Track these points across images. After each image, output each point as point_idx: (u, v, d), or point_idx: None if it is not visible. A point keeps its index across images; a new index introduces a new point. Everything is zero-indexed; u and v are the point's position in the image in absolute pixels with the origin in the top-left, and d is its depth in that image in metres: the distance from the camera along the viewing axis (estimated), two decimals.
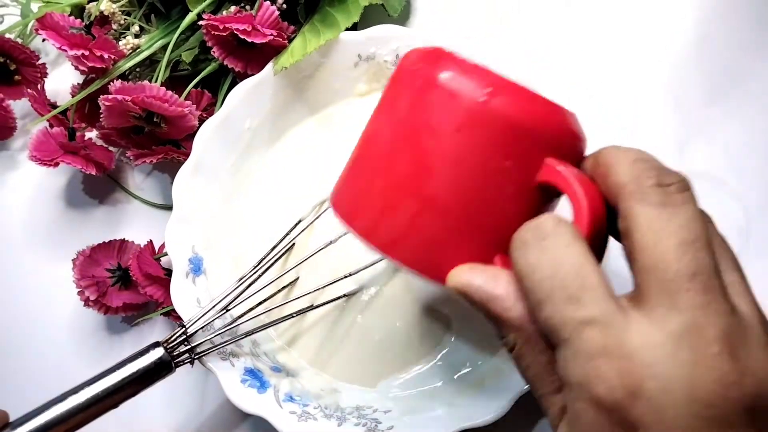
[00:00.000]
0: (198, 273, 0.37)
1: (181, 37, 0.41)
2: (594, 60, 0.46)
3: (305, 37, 0.40)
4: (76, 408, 0.30)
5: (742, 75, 0.44)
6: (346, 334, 0.37)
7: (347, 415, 0.35)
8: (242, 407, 0.34)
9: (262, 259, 0.36)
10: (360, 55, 0.40)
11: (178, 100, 0.38)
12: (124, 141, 0.42)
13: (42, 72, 0.44)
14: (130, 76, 0.43)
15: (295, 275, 0.38)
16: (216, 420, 0.39)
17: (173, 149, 0.40)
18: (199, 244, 0.38)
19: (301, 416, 0.34)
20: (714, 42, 0.45)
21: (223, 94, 0.42)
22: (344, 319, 0.38)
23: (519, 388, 0.34)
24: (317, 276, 0.37)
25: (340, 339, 0.37)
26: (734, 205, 0.41)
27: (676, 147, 0.42)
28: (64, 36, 0.38)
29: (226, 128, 0.39)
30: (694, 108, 0.43)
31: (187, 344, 0.33)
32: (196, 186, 0.38)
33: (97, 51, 0.39)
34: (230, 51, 0.40)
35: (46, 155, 0.41)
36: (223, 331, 0.34)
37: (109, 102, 0.37)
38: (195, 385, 0.40)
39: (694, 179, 0.23)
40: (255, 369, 0.36)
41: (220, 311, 0.34)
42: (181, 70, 0.43)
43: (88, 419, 0.31)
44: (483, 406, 0.34)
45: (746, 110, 0.43)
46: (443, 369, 0.37)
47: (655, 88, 0.44)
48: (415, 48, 0.26)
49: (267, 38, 0.38)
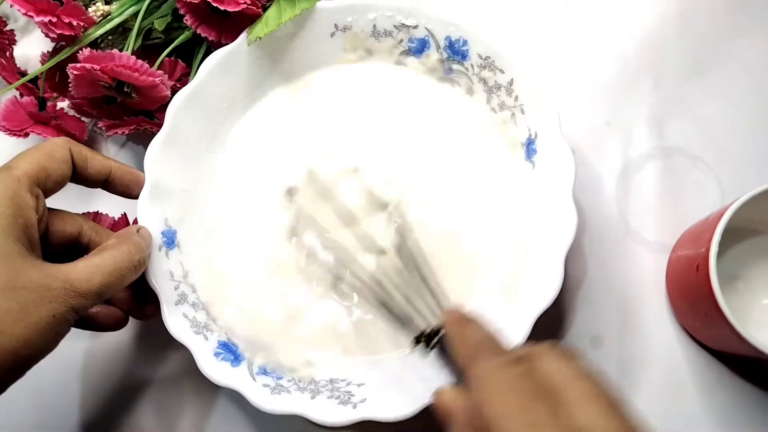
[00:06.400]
0: (171, 246, 0.37)
1: (153, 4, 0.40)
2: (571, 35, 0.45)
3: (280, 6, 0.39)
4: None
5: (721, 53, 0.44)
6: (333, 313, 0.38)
7: (321, 388, 0.35)
8: (215, 380, 0.34)
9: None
10: (336, 25, 0.40)
11: (148, 70, 0.37)
12: (95, 111, 0.41)
13: (10, 39, 0.43)
14: (101, 44, 0.42)
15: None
16: (192, 394, 0.39)
17: (146, 120, 0.40)
18: (173, 217, 0.37)
19: (275, 389, 0.34)
20: (693, 19, 0.44)
21: (197, 64, 0.41)
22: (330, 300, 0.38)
23: None
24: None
25: (321, 313, 0.38)
26: (710, 181, 0.41)
27: (654, 123, 0.42)
28: (30, 1, 0.37)
29: (199, 98, 0.38)
30: (672, 85, 0.43)
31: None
32: (168, 158, 0.37)
33: (66, 18, 0.37)
34: (203, 19, 0.39)
35: (16, 125, 0.40)
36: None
37: (77, 71, 0.36)
38: (169, 359, 0.40)
39: (671, 155, 0.22)
40: (229, 343, 0.36)
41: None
42: (153, 39, 0.42)
43: None
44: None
45: (724, 88, 0.43)
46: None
47: (634, 64, 0.44)
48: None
49: (240, 6, 0.37)
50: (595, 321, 0.39)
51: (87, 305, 0.29)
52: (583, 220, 0.40)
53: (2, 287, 0.27)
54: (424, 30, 0.39)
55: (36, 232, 0.30)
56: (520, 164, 0.38)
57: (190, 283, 0.37)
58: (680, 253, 0.38)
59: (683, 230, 0.39)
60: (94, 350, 0.40)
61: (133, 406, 0.39)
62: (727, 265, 0.36)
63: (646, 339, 0.38)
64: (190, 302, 0.36)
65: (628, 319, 0.39)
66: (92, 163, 0.33)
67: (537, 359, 0.24)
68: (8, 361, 0.26)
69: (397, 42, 0.40)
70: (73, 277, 0.28)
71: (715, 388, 0.37)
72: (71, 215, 0.34)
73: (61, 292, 0.28)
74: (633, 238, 0.40)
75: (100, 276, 0.29)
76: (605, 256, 0.40)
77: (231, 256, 0.39)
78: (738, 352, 0.35)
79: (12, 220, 0.28)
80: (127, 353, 0.40)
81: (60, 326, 0.28)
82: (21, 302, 0.27)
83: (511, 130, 0.38)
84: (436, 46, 0.40)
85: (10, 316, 0.26)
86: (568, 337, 0.39)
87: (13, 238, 0.28)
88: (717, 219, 0.32)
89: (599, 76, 0.44)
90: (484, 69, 0.39)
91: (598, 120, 0.43)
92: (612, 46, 0.44)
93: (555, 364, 0.23)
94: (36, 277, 0.28)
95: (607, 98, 0.43)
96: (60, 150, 0.32)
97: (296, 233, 0.38)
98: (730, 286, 0.36)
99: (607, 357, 0.38)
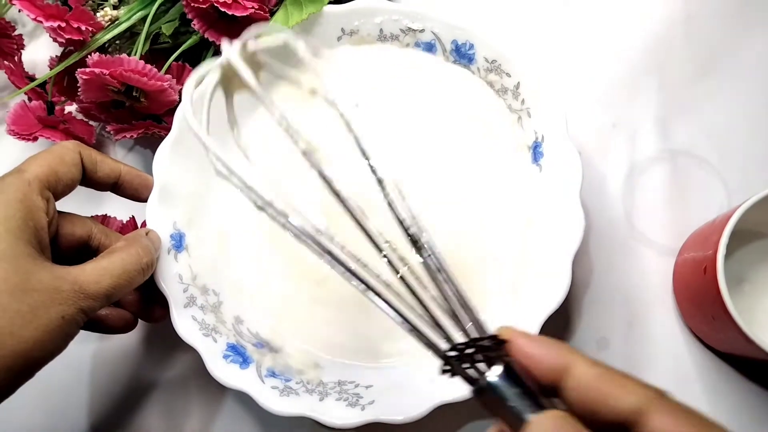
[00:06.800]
0: (180, 249, 0.37)
1: (161, 8, 0.40)
2: (577, 37, 0.45)
3: (287, 11, 0.39)
4: None
5: (727, 55, 0.44)
6: (336, 311, 0.38)
7: (329, 390, 0.35)
8: (224, 382, 0.34)
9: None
10: (343, 29, 0.40)
11: (157, 74, 0.37)
12: (104, 115, 0.41)
13: (18, 43, 0.43)
14: (109, 48, 0.43)
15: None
16: (199, 396, 0.40)
17: (154, 124, 0.40)
18: (181, 221, 0.38)
19: (283, 391, 0.35)
20: (699, 22, 0.44)
21: None
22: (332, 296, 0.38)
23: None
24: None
25: (329, 316, 0.38)
26: (716, 183, 0.41)
27: (660, 125, 0.42)
28: (39, 6, 0.37)
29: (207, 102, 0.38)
30: (678, 87, 0.43)
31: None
32: (176, 161, 0.37)
33: (74, 23, 0.38)
34: (211, 23, 0.39)
35: (25, 129, 0.41)
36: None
37: (86, 75, 0.37)
38: (177, 361, 0.40)
39: (677, 157, 0.22)
40: (237, 345, 0.36)
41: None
42: (161, 43, 0.42)
43: None
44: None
45: (729, 89, 0.43)
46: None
47: (640, 67, 0.44)
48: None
49: (248, 11, 0.37)
50: (601, 323, 0.39)
51: (96, 307, 0.29)
52: (589, 222, 0.40)
53: (12, 289, 0.27)
54: (431, 33, 0.39)
55: (46, 235, 0.30)
56: (527, 167, 0.38)
57: (198, 285, 0.37)
58: (687, 256, 0.38)
59: (690, 232, 0.39)
60: (103, 352, 0.41)
61: (141, 408, 0.39)
62: (733, 268, 0.36)
63: (652, 341, 0.38)
64: (198, 305, 0.36)
65: (634, 322, 0.39)
66: (102, 166, 0.34)
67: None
68: (18, 363, 0.27)
69: (404, 46, 0.40)
70: (82, 279, 0.29)
71: (723, 390, 0.37)
72: (81, 218, 0.34)
73: (71, 294, 0.28)
74: (639, 240, 0.40)
75: (108, 278, 0.29)
76: (611, 258, 0.40)
77: (240, 259, 0.39)
78: (745, 355, 0.35)
79: (23, 222, 0.28)
80: (135, 355, 0.40)
81: (69, 328, 0.28)
82: (31, 304, 0.27)
83: (518, 133, 0.39)
84: (442, 50, 0.40)
85: (20, 317, 0.27)
86: (574, 339, 0.39)
87: (23, 240, 0.28)
88: (724, 221, 0.33)
89: (605, 79, 0.44)
90: (490, 72, 0.39)
91: (605, 122, 0.43)
92: (618, 48, 0.44)
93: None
94: (46, 279, 0.28)
95: (613, 100, 0.43)
96: (70, 153, 0.32)
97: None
98: (737, 288, 0.36)
99: (614, 359, 0.38)
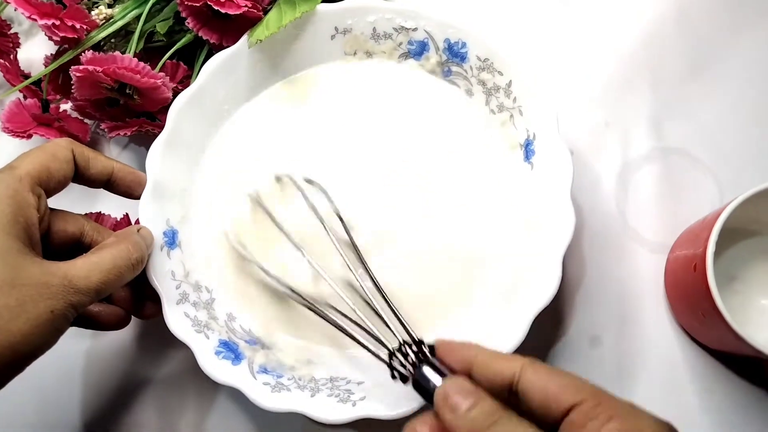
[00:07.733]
0: (173, 246, 0.37)
1: (155, 7, 0.40)
2: (570, 36, 0.45)
3: (281, 9, 0.39)
4: None
5: (719, 53, 0.44)
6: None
7: (321, 386, 0.35)
8: (216, 378, 0.34)
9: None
10: (337, 28, 0.40)
11: (150, 72, 0.38)
12: (98, 113, 0.41)
13: (14, 42, 0.44)
14: (104, 46, 0.43)
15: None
16: (193, 392, 0.40)
17: (147, 122, 0.40)
18: (174, 218, 0.38)
19: (275, 387, 0.35)
20: (691, 20, 0.45)
21: (199, 66, 0.41)
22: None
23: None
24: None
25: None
26: (708, 181, 0.41)
27: (652, 123, 0.42)
28: (33, 4, 0.38)
29: (200, 100, 0.38)
30: (670, 85, 0.43)
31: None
32: (169, 159, 0.37)
33: (69, 20, 0.38)
34: (205, 22, 0.39)
35: (19, 127, 0.41)
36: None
37: (80, 73, 0.37)
38: (170, 358, 0.40)
39: (669, 156, 0.23)
40: (230, 342, 0.36)
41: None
42: (156, 42, 0.42)
43: None
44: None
45: (722, 88, 0.43)
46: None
47: (633, 65, 0.44)
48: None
49: (242, 9, 0.37)
50: (593, 321, 0.39)
51: (85, 302, 0.29)
52: (581, 221, 0.40)
53: (1, 284, 0.27)
54: (424, 32, 0.40)
55: (37, 231, 0.30)
56: (518, 165, 0.38)
57: (191, 282, 0.37)
58: (678, 253, 0.38)
59: (682, 230, 0.39)
60: (96, 349, 0.41)
61: (134, 405, 0.40)
62: (725, 266, 0.36)
63: (644, 338, 0.38)
64: (191, 301, 0.36)
65: (626, 319, 0.39)
66: (94, 163, 0.34)
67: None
68: (6, 357, 0.27)
69: (397, 44, 0.41)
70: (72, 273, 0.29)
71: (714, 387, 0.37)
72: (73, 215, 0.34)
73: (60, 288, 0.28)
74: (632, 238, 0.40)
75: (98, 273, 0.30)
76: (604, 256, 0.40)
77: (232, 256, 0.39)
78: (736, 352, 0.35)
79: (12, 218, 0.29)
80: (128, 352, 0.41)
81: (58, 322, 0.28)
82: (19, 298, 0.27)
83: (510, 131, 0.39)
84: (435, 48, 0.40)
85: (8, 311, 0.27)
86: (566, 336, 0.39)
87: (12, 236, 0.28)
88: (714, 219, 0.33)
89: (598, 77, 0.44)
90: (482, 71, 0.39)
91: (597, 120, 0.43)
92: (610, 47, 0.45)
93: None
94: (35, 273, 0.28)
95: (605, 99, 0.44)
96: (62, 150, 0.32)
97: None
98: (728, 286, 0.37)
99: (606, 356, 0.38)
